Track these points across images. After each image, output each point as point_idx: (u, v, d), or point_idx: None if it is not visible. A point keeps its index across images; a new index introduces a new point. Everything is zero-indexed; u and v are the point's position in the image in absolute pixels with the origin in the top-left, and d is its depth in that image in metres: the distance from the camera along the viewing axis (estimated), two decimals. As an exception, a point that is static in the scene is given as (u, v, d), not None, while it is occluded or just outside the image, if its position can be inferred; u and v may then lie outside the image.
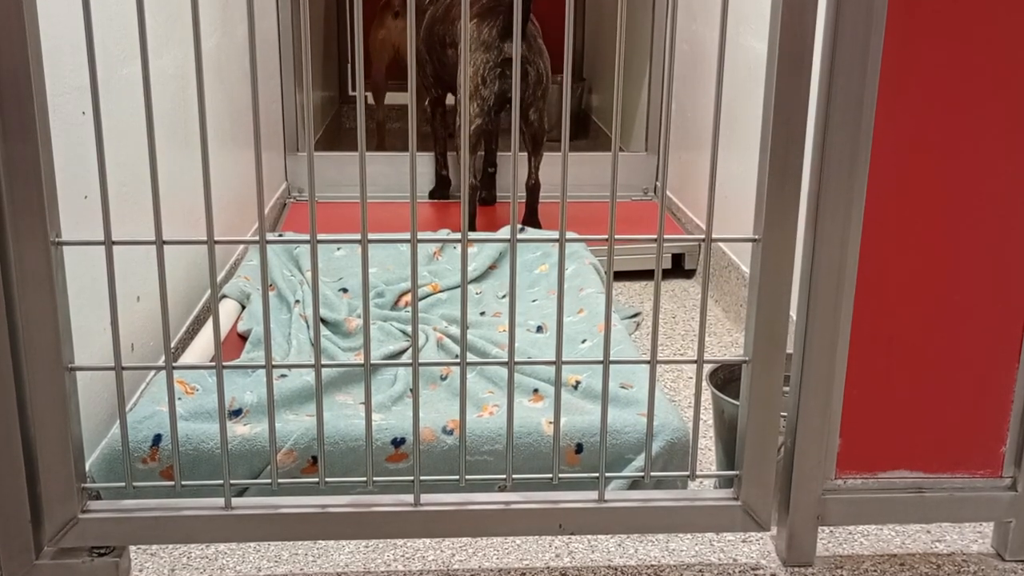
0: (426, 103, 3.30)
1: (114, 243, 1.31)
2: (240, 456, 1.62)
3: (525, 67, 2.80)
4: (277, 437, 1.58)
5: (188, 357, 2.03)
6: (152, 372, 1.92)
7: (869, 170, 1.36)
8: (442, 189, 3.42)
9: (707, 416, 1.93)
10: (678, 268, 2.98)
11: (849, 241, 1.38)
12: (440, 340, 2.15)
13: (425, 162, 3.42)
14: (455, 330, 2.19)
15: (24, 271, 1.29)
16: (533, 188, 2.99)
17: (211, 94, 2.39)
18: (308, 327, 2.18)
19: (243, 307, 2.30)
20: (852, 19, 1.30)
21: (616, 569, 1.54)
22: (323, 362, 1.39)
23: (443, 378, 1.99)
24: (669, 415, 1.68)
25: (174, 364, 1.38)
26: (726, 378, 1.81)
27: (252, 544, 1.60)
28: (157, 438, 1.62)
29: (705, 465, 1.87)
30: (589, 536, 1.62)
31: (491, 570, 1.54)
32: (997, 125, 1.37)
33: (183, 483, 1.42)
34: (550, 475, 1.45)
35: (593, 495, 1.45)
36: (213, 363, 1.38)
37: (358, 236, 1.32)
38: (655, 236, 1.36)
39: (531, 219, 3.02)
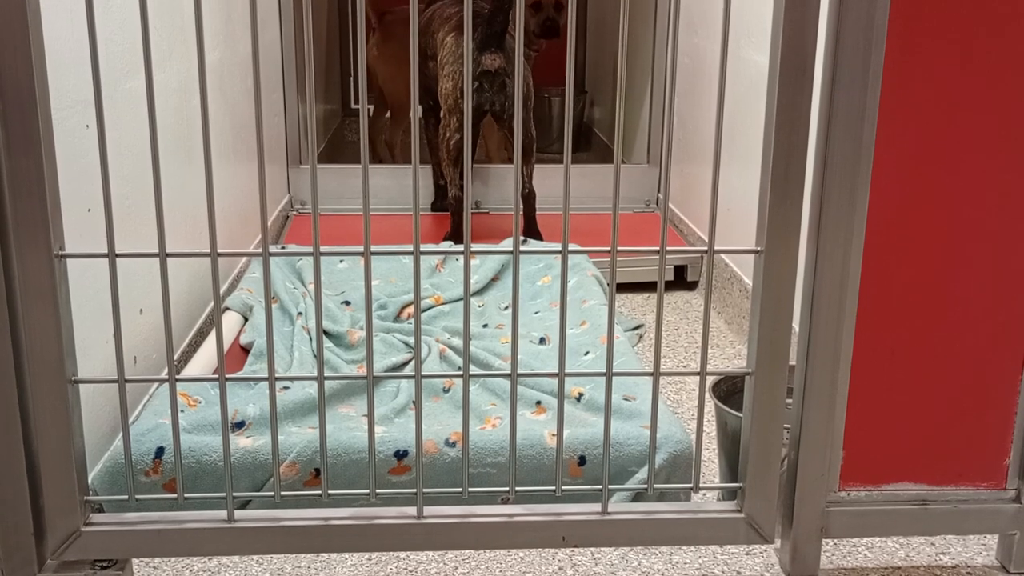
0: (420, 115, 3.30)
1: (117, 256, 1.31)
2: (243, 469, 1.62)
3: (503, 80, 2.82)
4: (280, 449, 1.58)
5: (191, 369, 2.03)
6: (155, 384, 1.92)
7: (871, 182, 1.37)
8: (442, 200, 3.42)
9: (710, 428, 1.93)
10: (680, 280, 2.98)
11: (851, 253, 1.38)
12: (443, 352, 2.15)
13: (424, 174, 3.43)
14: (458, 342, 2.19)
15: (27, 284, 1.29)
16: (528, 197, 3.00)
17: (214, 107, 2.39)
18: (311, 339, 2.18)
19: (245, 319, 2.30)
20: (853, 32, 1.30)
21: (619, 582, 1.54)
22: (326, 374, 1.39)
23: (446, 390, 1.99)
24: (672, 427, 1.68)
25: (177, 377, 1.38)
26: (729, 390, 1.81)
27: (255, 557, 1.60)
28: (160, 451, 1.62)
29: (708, 477, 1.87)
30: (592, 549, 1.61)
31: (494, 583, 1.54)
32: (999, 137, 1.38)
33: (186, 496, 1.42)
34: (553, 487, 1.45)
35: (596, 507, 1.45)
36: (216, 375, 1.38)
37: (360, 248, 1.32)
38: (657, 248, 1.36)
39: (530, 227, 3.02)
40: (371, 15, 3.81)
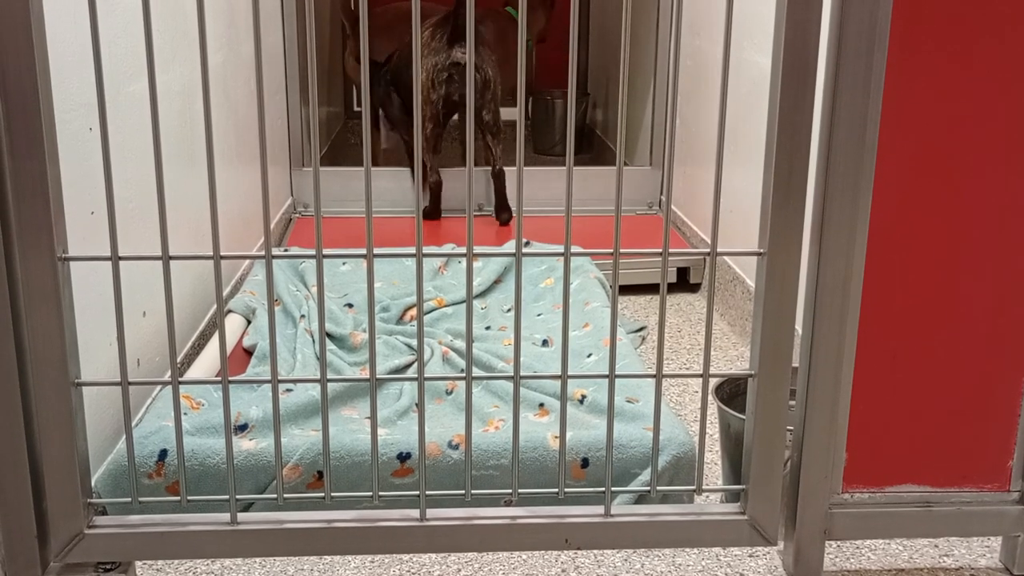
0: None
1: (120, 258, 1.31)
2: (246, 471, 1.62)
3: (474, 72, 2.90)
4: (283, 452, 1.58)
5: (194, 372, 2.03)
6: (158, 387, 1.92)
7: (873, 184, 1.37)
8: (432, 207, 3.40)
9: (713, 430, 1.93)
10: (683, 282, 2.98)
11: (854, 255, 1.38)
12: (446, 354, 2.15)
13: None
14: (460, 344, 2.19)
15: (31, 287, 1.29)
16: (499, 175, 3.20)
17: (217, 110, 2.40)
18: (313, 342, 2.18)
19: (248, 322, 2.30)
20: (855, 34, 1.30)
21: (622, 584, 1.54)
22: (328, 376, 1.39)
23: (449, 392, 1.99)
24: (675, 429, 1.68)
25: (180, 379, 1.38)
26: (732, 392, 1.81)
27: (258, 559, 1.60)
28: (163, 453, 1.63)
29: (711, 479, 1.86)
30: (595, 551, 1.61)
31: (497, 585, 1.54)
32: (1002, 139, 1.38)
33: (189, 498, 1.42)
34: (556, 489, 1.45)
35: (599, 510, 1.45)
36: (219, 378, 1.38)
37: (363, 251, 1.32)
38: (660, 250, 1.36)
39: (501, 203, 3.21)
40: (346, 22, 3.85)
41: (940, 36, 1.33)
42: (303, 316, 2.29)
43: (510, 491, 1.45)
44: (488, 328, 2.34)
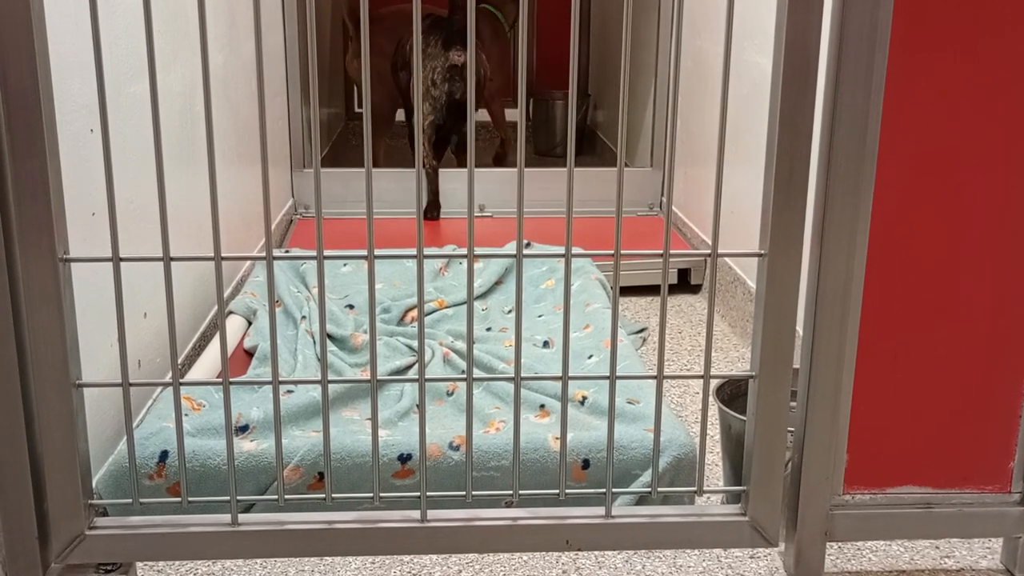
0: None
1: (121, 259, 1.31)
2: (247, 472, 1.62)
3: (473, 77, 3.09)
4: (283, 453, 1.58)
5: (195, 373, 2.03)
6: (159, 388, 1.92)
7: (874, 185, 1.36)
8: (432, 209, 3.40)
9: (714, 432, 1.93)
10: (684, 283, 2.98)
11: (855, 256, 1.38)
12: (447, 356, 2.15)
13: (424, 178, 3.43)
14: (461, 345, 2.19)
15: (32, 288, 1.29)
16: (501, 154, 3.68)
17: (218, 111, 2.40)
18: (314, 343, 2.18)
19: (249, 323, 2.30)
20: (856, 35, 1.30)
21: (623, 585, 1.54)
22: (329, 378, 1.39)
23: (449, 394, 1.99)
24: (676, 430, 1.68)
25: (181, 380, 1.38)
26: (733, 393, 1.81)
27: (258, 560, 1.60)
28: (164, 454, 1.63)
29: (712, 481, 1.86)
30: (596, 552, 1.61)
31: (498, 586, 1.54)
32: (1003, 139, 1.37)
33: (189, 499, 1.42)
34: (557, 491, 1.45)
35: (600, 511, 1.45)
36: (220, 379, 1.38)
37: (364, 252, 1.32)
38: (661, 251, 1.36)
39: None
40: (348, 24, 3.88)
41: (940, 36, 1.33)
42: (304, 317, 2.29)
43: (511, 492, 1.45)
44: (489, 329, 2.34)
